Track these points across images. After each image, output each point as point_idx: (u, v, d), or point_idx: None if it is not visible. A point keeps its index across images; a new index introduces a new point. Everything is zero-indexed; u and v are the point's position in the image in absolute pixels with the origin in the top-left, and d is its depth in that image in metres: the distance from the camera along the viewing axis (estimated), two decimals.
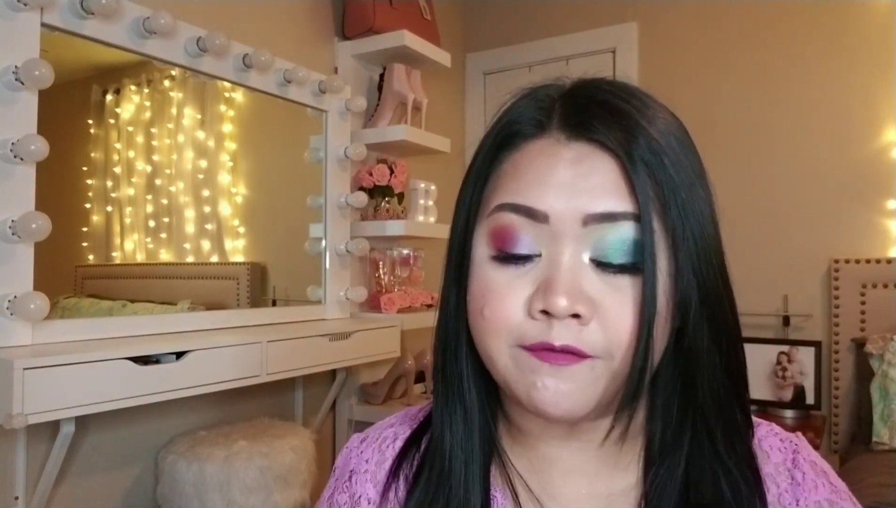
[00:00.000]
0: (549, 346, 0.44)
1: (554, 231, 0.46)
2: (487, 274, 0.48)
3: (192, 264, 1.89)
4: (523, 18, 2.88)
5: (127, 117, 1.74)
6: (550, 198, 0.46)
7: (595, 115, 0.47)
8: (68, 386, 1.22)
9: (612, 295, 0.45)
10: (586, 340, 0.44)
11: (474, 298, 0.49)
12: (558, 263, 0.45)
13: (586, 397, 0.45)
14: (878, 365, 2.05)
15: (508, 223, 0.47)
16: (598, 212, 0.45)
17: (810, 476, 0.50)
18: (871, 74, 2.25)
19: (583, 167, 0.46)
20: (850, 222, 2.28)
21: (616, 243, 0.45)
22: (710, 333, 0.47)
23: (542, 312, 0.45)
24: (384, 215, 2.23)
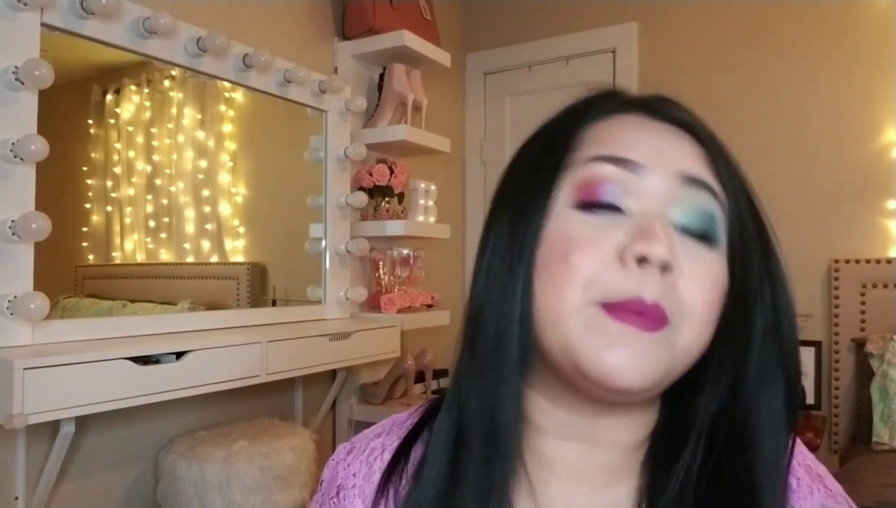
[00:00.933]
0: (640, 302, 0.42)
1: (646, 185, 0.45)
2: (570, 223, 0.45)
3: (192, 264, 1.89)
4: (523, 18, 2.88)
5: (127, 117, 1.74)
6: (646, 154, 0.46)
7: (674, 105, 0.51)
8: (68, 386, 1.22)
9: (690, 262, 0.44)
10: (672, 301, 0.43)
11: (555, 245, 0.45)
12: (650, 214, 0.45)
13: (655, 369, 0.43)
14: (878, 365, 2.05)
15: (601, 173, 0.46)
16: (694, 175, 0.46)
17: (805, 482, 0.49)
18: (871, 74, 2.25)
19: (672, 137, 0.48)
20: (850, 222, 2.28)
21: (700, 210, 0.46)
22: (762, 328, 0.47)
23: (637, 260, 0.43)
24: (384, 215, 2.23)
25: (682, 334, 0.44)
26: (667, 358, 0.43)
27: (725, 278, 0.46)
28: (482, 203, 2.92)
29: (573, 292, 0.43)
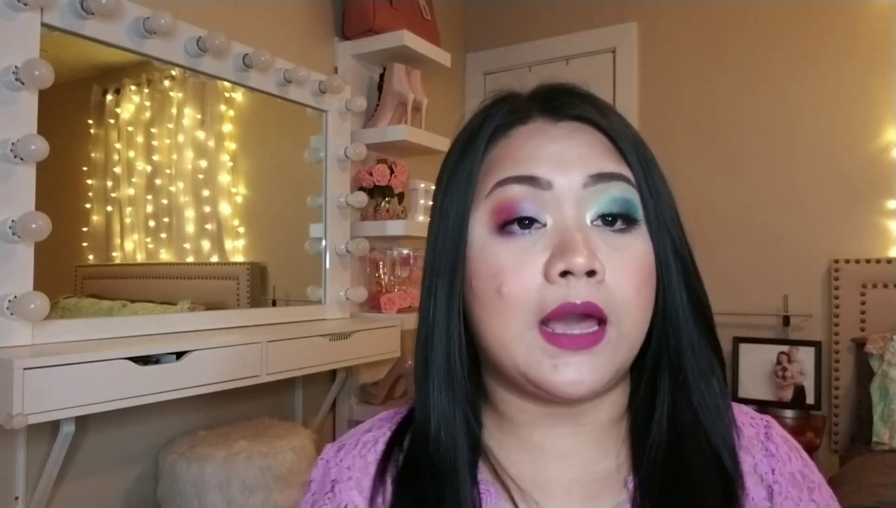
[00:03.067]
0: (571, 304, 0.45)
1: (557, 197, 0.48)
2: (495, 252, 0.48)
3: (192, 264, 1.89)
4: (523, 18, 2.88)
5: (127, 117, 1.74)
6: (549, 167, 0.48)
7: (572, 98, 0.52)
8: (68, 386, 1.22)
9: (614, 255, 0.47)
10: (603, 298, 0.46)
11: (484, 279, 0.48)
12: (567, 225, 0.47)
13: (605, 371, 0.47)
14: (878, 365, 2.05)
15: (512, 195, 0.48)
16: (597, 173, 0.48)
17: (783, 449, 0.52)
18: (871, 74, 2.25)
19: (573, 140, 0.50)
20: (850, 222, 2.28)
21: (614, 201, 0.48)
22: (684, 288, 0.51)
23: (561, 274, 0.46)
24: (384, 215, 2.23)
25: (625, 325, 0.47)
26: (613, 357, 0.47)
27: (650, 251, 0.49)
28: None
29: (512, 321, 0.47)
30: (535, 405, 0.51)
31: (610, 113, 0.52)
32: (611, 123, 0.51)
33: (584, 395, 0.46)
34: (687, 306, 0.51)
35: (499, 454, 0.53)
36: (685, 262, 0.51)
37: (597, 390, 0.47)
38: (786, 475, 0.51)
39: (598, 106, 0.52)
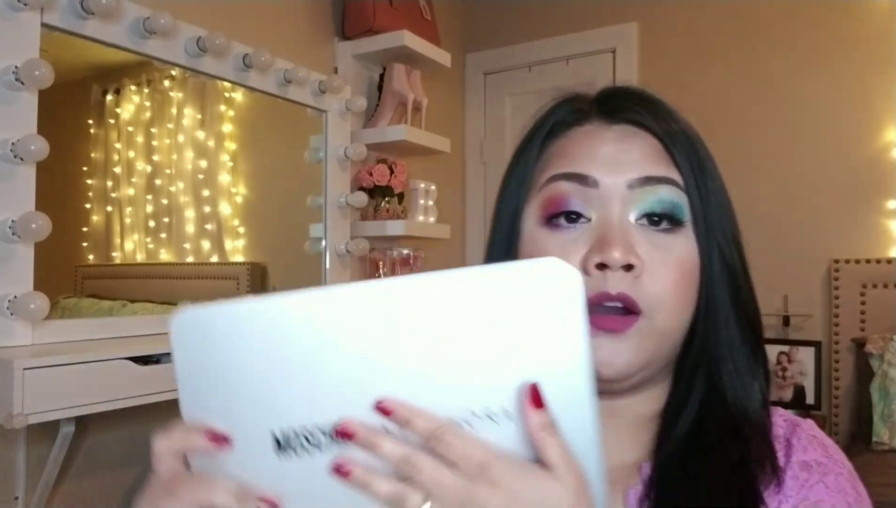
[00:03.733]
0: (606, 294, 0.48)
1: (603, 195, 0.51)
2: (540, 242, 0.52)
3: (192, 264, 1.89)
4: (523, 18, 2.88)
5: (127, 117, 1.74)
6: (598, 167, 0.52)
7: (631, 102, 0.54)
8: (68, 386, 1.22)
9: (655, 253, 0.50)
10: (637, 291, 0.49)
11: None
12: (609, 221, 0.50)
13: (636, 356, 0.49)
14: (878, 365, 2.05)
15: (561, 191, 0.52)
16: (642, 176, 0.51)
17: (803, 442, 0.52)
18: (871, 74, 2.25)
19: (625, 143, 0.52)
20: (850, 222, 2.28)
21: (659, 202, 0.51)
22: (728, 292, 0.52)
23: (597, 266, 0.49)
24: (384, 215, 2.23)
25: (657, 319, 0.49)
26: (645, 345, 0.49)
27: (695, 253, 0.51)
28: (482, 203, 2.92)
29: None
30: None
31: (668, 117, 0.53)
32: (666, 128, 0.52)
33: (614, 376, 0.49)
34: (730, 310, 0.52)
35: None
36: (732, 267, 0.53)
37: (628, 373, 0.49)
38: (799, 462, 0.51)
39: (655, 110, 0.54)
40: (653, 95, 0.56)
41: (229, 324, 0.36)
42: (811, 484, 0.49)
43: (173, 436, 0.39)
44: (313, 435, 0.35)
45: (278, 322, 0.35)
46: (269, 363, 0.35)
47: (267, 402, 0.36)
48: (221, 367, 0.36)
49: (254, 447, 0.36)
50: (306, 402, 0.35)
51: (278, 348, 0.35)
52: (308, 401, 0.35)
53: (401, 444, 0.35)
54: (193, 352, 0.37)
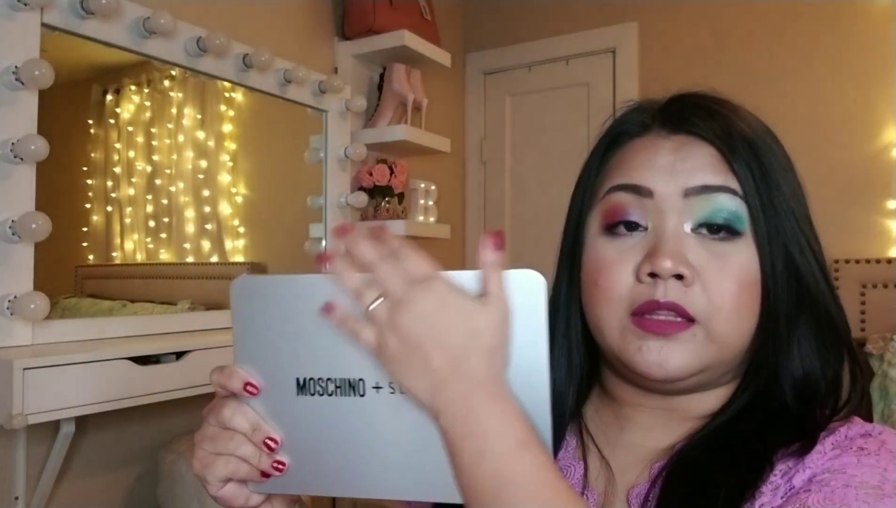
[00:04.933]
0: (655, 302, 0.50)
1: (658, 205, 0.52)
2: (599, 249, 0.55)
3: (192, 264, 1.89)
4: (523, 18, 2.88)
5: (127, 117, 1.74)
6: (654, 177, 0.53)
7: (691, 113, 0.55)
8: (68, 386, 1.22)
9: (712, 262, 0.51)
10: (689, 300, 0.50)
11: (588, 272, 0.55)
12: (663, 231, 0.52)
13: (688, 361, 0.50)
14: (878, 365, 2.05)
15: (618, 201, 0.54)
16: (698, 185, 0.52)
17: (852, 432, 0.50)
18: (871, 74, 2.25)
19: (682, 153, 0.53)
20: (850, 222, 2.28)
21: (716, 211, 0.51)
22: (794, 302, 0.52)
23: (649, 275, 0.50)
24: (384, 215, 2.23)
25: (711, 327, 0.50)
26: (700, 351, 0.50)
27: (755, 264, 0.51)
28: (482, 203, 2.92)
29: (605, 309, 0.53)
30: (633, 387, 0.56)
31: (728, 124, 0.54)
32: (725, 136, 0.52)
33: (665, 378, 0.51)
34: (797, 316, 0.53)
35: (591, 418, 0.60)
36: (801, 277, 0.53)
37: (679, 377, 0.51)
38: (834, 443, 0.49)
39: (715, 118, 0.54)
40: (717, 100, 0.57)
41: (274, 291, 0.47)
42: (839, 455, 0.47)
43: (223, 374, 0.49)
44: (325, 384, 0.46)
45: (310, 294, 0.45)
46: (299, 325, 0.46)
47: (296, 355, 0.47)
48: (265, 324, 0.47)
49: (281, 386, 0.47)
50: (323, 359, 0.46)
51: (308, 315, 0.46)
52: (325, 358, 0.46)
53: (373, 250, 0.43)
54: (246, 311, 0.48)
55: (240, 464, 0.49)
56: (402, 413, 0.45)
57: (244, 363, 0.48)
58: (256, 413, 0.48)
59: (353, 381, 0.46)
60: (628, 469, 0.55)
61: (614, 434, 0.58)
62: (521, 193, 2.84)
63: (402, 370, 0.43)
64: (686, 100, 0.57)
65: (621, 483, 0.55)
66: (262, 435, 0.48)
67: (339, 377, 0.46)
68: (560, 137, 2.72)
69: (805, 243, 0.54)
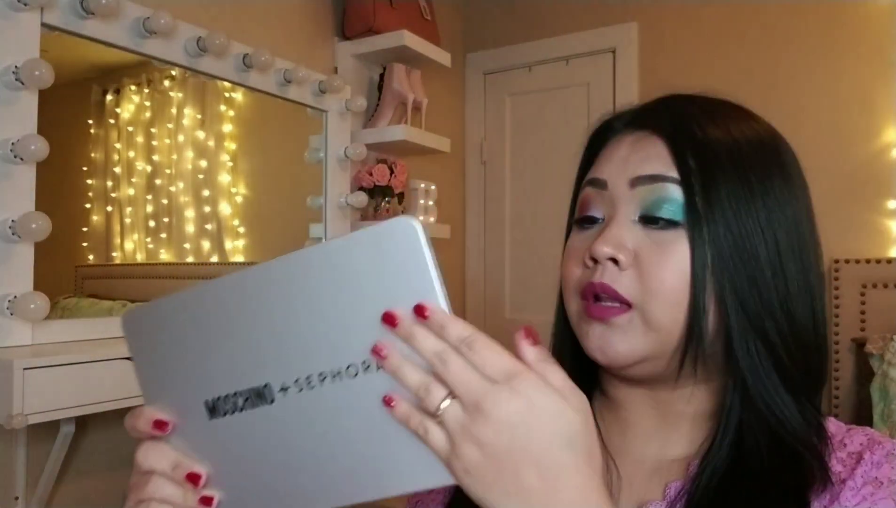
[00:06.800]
0: (590, 284, 0.52)
1: (611, 196, 0.55)
2: (571, 241, 0.58)
3: (192, 264, 1.89)
4: (523, 18, 2.88)
5: (127, 117, 1.74)
6: (609, 169, 0.55)
7: (655, 111, 0.57)
8: (68, 386, 1.22)
9: (652, 248, 0.51)
10: (622, 283, 0.51)
11: (561, 264, 0.58)
12: (609, 220, 0.54)
13: (628, 347, 0.51)
14: (878, 365, 2.05)
15: (586, 196, 0.57)
16: (644, 174, 0.53)
17: (878, 458, 0.49)
18: (871, 74, 2.25)
19: (637, 145, 0.55)
20: (850, 222, 2.28)
21: (656, 200, 0.52)
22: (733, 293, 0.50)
23: (591, 259, 0.53)
24: (384, 214, 2.23)
25: (647, 312, 0.51)
26: (635, 337, 0.51)
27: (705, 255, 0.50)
28: (482, 203, 2.92)
29: (566, 298, 0.57)
30: (624, 385, 0.57)
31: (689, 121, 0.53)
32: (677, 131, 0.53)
33: (608, 363, 0.52)
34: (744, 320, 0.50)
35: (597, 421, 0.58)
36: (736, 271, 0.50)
37: (621, 363, 0.52)
38: (867, 476, 0.48)
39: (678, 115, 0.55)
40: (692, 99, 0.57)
41: (162, 315, 0.44)
42: (878, 499, 0.46)
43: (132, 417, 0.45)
44: (234, 400, 0.42)
45: (196, 309, 0.42)
46: (194, 344, 0.42)
47: (195, 377, 0.43)
48: (163, 352, 0.44)
49: (193, 414, 0.43)
50: (225, 373, 0.42)
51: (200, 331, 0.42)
52: (226, 372, 0.42)
53: (435, 340, 0.37)
54: (142, 343, 0.45)
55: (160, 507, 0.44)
56: (317, 412, 0.40)
57: (154, 400, 0.45)
58: (177, 451, 0.44)
59: (258, 389, 0.41)
60: (635, 480, 0.55)
61: (617, 441, 0.58)
62: (521, 193, 2.84)
63: (486, 487, 0.37)
64: (666, 100, 0.58)
65: (628, 493, 0.55)
66: (182, 471, 0.44)
67: (245, 388, 0.41)
68: (560, 137, 2.72)
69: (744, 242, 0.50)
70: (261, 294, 0.41)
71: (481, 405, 0.36)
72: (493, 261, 2.90)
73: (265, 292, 0.41)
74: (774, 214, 0.51)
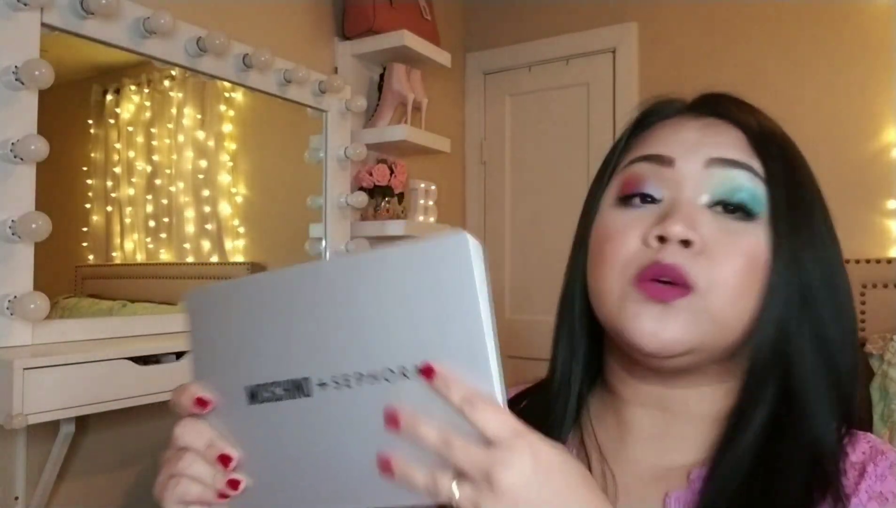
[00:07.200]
0: (657, 263, 0.48)
1: (678, 175, 0.51)
2: (609, 218, 0.53)
3: (192, 264, 1.89)
4: (523, 18, 2.88)
5: (127, 117, 1.74)
6: (677, 148, 0.52)
7: (723, 100, 0.55)
8: (68, 386, 1.22)
9: (723, 237, 0.49)
10: (691, 267, 0.48)
11: (596, 242, 0.54)
12: (678, 199, 0.50)
13: (684, 333, 0.48)
14: (878, 365, 2.05)
15: (637, 171, 0.53)
16: (723, 157, 0.50)
17: (881, 471, 0.48)
18: (871, 74, 2.25)
19: (709, 130, 0.52)
20: (850, 222, 2.26)
21: (735, 188, 0.49)
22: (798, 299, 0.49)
23: (657, 239, 0.49)
24: (384, 215, 2.23)
25: (711, 301, 0.48)
26: (695, 324, 0.48)
27: (764, 248, 0.49)
28: (482, 203, 2.92)
29: (607, 274, 0.51)
30: (635, 379, 0.54)
31: (759, 116, 0.53)
32: (756, 124, 0.52)
33: (658, 350, 0.48)
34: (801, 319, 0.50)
35: (594, 423, 0.58)
36: (806, 282, 0.49)
37: (673, 350, 0.48)
38: (871, 491, 0.47)
39: (749, 109, 0.54)
40: (747, 102, 0.56)
41: (223, 298, 0.45)
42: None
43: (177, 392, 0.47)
44: (273, 389, 0.43)
45: (254, 296, 0.44)
46: (246, 329, 0.44)
47: (241, 362, 0.44)
48: (217, 334, 0.46)
49: (235, 398, 0.45)
50: (269, 361, 0.43)
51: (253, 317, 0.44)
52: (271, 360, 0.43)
53: (434, 428, 0.38)
54: (200, 323, 0.47)
55: (190, 484, 0.45)
56: (350, 410, 0.41)
57: (200, 378, 0.46)
58: (214, 430, 0.45)
59: (298, 381, 0.42)
60: (632, 489, 0.53)
61: (615, 444, 0.56)
62: (521, 193, 2.84)
63: None
64: (718, 94, 0.57)
65: (625, 502, 0.52)
66: (215, 452, 0.45)
67: (286, 379, 0.43)
68: (560, 137, 2.72)
69: (816, 244, 0.51)
70: (312, 291, 0.42)
71: (492, 476, 0.36)
72: (493, 261, 2.90)
73: (316, 289, 0.42)
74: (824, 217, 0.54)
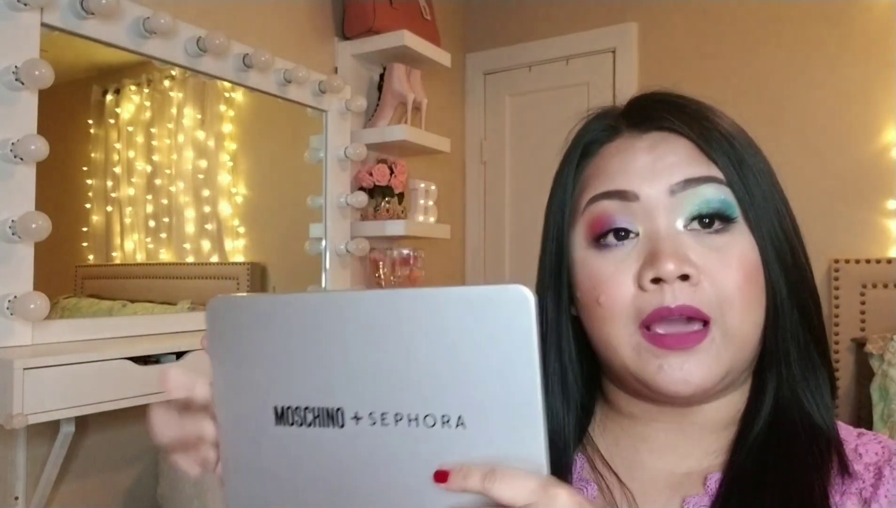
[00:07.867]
0: (666, 309, 0.47)
1: (645, 207, 0.50)
2: (592, 264, 0.52)
3: (192, 264, 1.89)
4: (523, 18, 2.88)
5: (127, 117, 1.74)
6: (636, 180, 0.50)
7: (660, 109, 0.53)
8: (68, 386, 1.22)
9: (712, 255, 0.48)
10: (700, 300, 0.47)
11: (586, 290, 0.52)
12: (657, 233, 0.49)
13: (710, 370, 0.47)
14: (878, 365, 2.05)
15: (603, 210, 0.51)
16: (684, 179, 0.49)
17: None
18: (871, 74, 2.25)
19: (658, 151, 0.51)
20: (850, 222, 2.28)
21: (705, 202, 0.49)
22: (785, 287, 0.50)
23: (652, 281, 0.47)
24: (384, 215, 2.23)
25: (728, 323, 0.48)
26: (720, 355, 0.48)
27: (754, 249, 0.49)
28: (482, 203, 2.92)
29: (613, 327, 0.50)
30: (646, 403, 0.53)
31: (699, 117, 0.52)
32: (698, 128, 0.51)
33: (692, 394, 0.48)
34: (792, 308, 0.51)
35: (599, 438, 0.56)
36: (784, 261, 0.50)
37: (706, 388, 0.48)
38: (888, 494, 0.47)
39: (685, 112, 0.52)
40: (681, 95, 0.55)
41: (252, 312, 0.45)
42: None
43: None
44: (303, 414, 0.43)
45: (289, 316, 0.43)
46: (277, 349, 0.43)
47: (272, 380, 0.44)
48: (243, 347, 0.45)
49: (260, 414, 0.44)
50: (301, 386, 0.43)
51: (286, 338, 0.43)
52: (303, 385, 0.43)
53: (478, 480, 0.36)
54: (223, 332, 0.46)
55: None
56: (382, 449, 0.41)
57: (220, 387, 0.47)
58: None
59: (331, 411, 0.42)
60: (648, 497, 0.52)
61: (628, 455, 0.55)
62: (521, 193, 2.84)
63: None
64: (649, 98, 0.55)
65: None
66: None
67: (318, 407, 0.42)
68: (560, 137, 2.70)
69: (783, 230, 0.52)
70: (358, 321, 0.41)
71: None
72: (494, 261, 2.90)
73: (363, 320, 0.41)
74: (776, 191, 0.53)
